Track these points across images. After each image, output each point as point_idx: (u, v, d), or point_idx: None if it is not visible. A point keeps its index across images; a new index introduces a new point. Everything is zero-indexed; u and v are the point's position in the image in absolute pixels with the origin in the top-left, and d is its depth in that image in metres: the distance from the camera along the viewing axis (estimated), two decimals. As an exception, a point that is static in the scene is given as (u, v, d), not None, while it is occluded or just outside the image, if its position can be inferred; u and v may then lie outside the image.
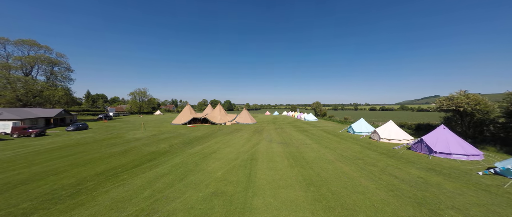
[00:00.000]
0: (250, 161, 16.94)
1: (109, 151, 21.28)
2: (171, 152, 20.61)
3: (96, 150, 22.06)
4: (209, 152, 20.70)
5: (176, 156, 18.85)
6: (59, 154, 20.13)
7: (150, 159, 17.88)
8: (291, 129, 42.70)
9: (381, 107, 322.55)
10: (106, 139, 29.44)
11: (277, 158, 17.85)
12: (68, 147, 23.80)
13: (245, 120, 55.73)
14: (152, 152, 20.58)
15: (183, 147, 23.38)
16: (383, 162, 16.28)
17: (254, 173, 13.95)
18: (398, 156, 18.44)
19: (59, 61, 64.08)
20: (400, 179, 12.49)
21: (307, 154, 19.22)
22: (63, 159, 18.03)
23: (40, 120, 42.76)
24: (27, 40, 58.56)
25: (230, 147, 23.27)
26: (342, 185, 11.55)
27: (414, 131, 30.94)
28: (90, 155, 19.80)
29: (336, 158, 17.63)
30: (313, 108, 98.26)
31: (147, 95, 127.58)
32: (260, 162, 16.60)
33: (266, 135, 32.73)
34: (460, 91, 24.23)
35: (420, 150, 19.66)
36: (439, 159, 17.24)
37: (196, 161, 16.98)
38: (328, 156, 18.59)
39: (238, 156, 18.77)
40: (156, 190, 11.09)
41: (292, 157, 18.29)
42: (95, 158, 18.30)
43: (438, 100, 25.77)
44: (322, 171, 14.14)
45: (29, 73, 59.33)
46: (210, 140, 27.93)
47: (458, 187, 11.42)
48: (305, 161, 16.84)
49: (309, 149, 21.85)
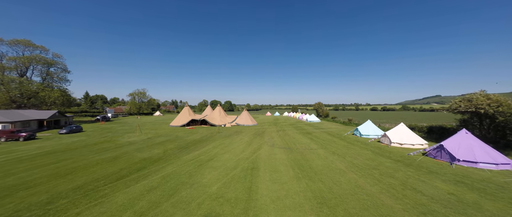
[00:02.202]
0: (251, 171, 15.07)
1: (98, 158, 19.50)
2: (164, 159, 18.79)
3: (84, 156, 20.29)
4: (205, 159, 18.86)
5: (169, 165, 17.01)
6: (41, 161, 18.35)
7: (140, 168, 16.06)
8: (294, 131, 40.79)
9: (382, 107, 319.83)
10: (98, 143, 27.69)
11: (281, 167, 15.97)
12: (54, 153, 22.05)
13: (246, 121, 53.88)
14: (144, 160, 18.77)
15: (178, 153, 21.56)
16: (401, 173, 14.35)
17: (255, 187, 12.09)
18: (416, 164, 16.49)
19: (55, 62, 62.50)
20: (428, 197, 10.56)
21: (314, 162, 17.31)
22: (44, 168, 16.25)
23: (33, 123, 41.12)
24: (22, 40, 57.01)
25: (229, 152, 21.42)
26: (361, 205, 9.65)
27: (426, 134, 28.93)
28: (75, 162, 18.02)
29: (347, 167, 15.71)
30: (315, 108, 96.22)
31: (146, 96, 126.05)
32: (262, 172, 14.73)
33: (268, 139, 30.86)
34: (480, 91, 22.23)
35: (439, 157, 17.72)
36: (463, 168, 15.28)
37: (190, 171, 15.14)
38: (338, 164, 16.67)
39: (237, 164, 16.92)
40: (138, 212, 9.24)
41: (297, 165, 16.39)
42: (79, 167, 16.50)
43: (454, 101, 23.78)
44: (334, 185, 12.24)
45: (24, 74, 57.77)
46: (208, 145, 26.09)
47: (501, 207, 9.49)
48: (312, 171, 14.94)
49: (316, 155, 19.94)
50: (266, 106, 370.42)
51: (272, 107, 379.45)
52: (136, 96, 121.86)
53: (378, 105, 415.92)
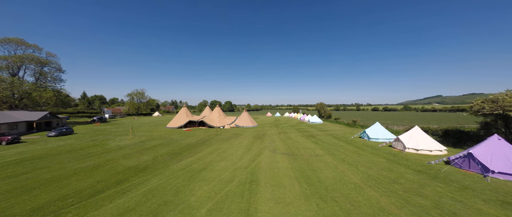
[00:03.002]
0: (249, 185, 12.79)
1: (78, 166, 17.29)
2: (151, 168, 16.55)
3: (63, 164, 18.09)
4: (198, 168, 16.60)
5: (156, 176, 14.76)
6: (13, 171, 16.14)
7: (121, 180, 13.82)
8: (296, 134, 38.47)
9: (383, 108, 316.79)
10: (84, 148, 25.49)
11: (284, 180, 13.67)
12: (32, 160, 19.85)
13: (245, 123, 51.62)
14: (128, 169, 16.53)
15: (169, 160, 19.32)
16: (429, 189, 12.01)
17: (254, 209, 9.81)
18: (443, 176, 14.13)
19: (49, 61, 60.37)
20: (476, 226, 8.27)
21: (323, 173, 14.99)
22: (11, 180, 14.04)
23: (21, 125, 39.00)
24: (14, 39, 55.01)
25: (226, 160, 19.15)
26: (392, 241, 7.36)
27: (441, 138, 26.51)
28: (50, 172, 15.81)
29: (363, 181, 13.39)
30: (317, 109, 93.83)
31: (145, 96, 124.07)
32: (263, 187, 12.45)
33: (269, 142, 28.57)
34: (506, 91, 19.84)
35: (467, 167, 15.37)
36: (501, 182, 12.94)
37: (178, 185, 12.88)
38: (351, 176, 14.34)
39: (234, 176, 14.64)
40: (97, 251, 6.99)
41: (304, 178, 14.09)
42: (52, 179, 14.29)
43: (476, 102, 21.41)
44: (351, 206, 9.93)
45: (16, 74, 55.79)
46: (203, 150, 23.83)
47: None
48: (322, 186, 12.63)
49: (323, 164, 17.63)
50: (267, 107, 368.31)
51: (272, 107, 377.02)
52: (134, 96, 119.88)
53: (379, 105, 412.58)
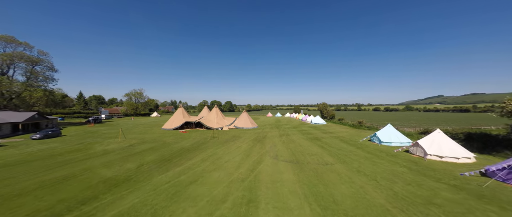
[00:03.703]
0: (246, 208, 10.11)
1: (46, 178, 14.69)
2: (132, 181, 13.92)
3: (32, 174, 15.52)
4: (187, 181, 13.94)
5: (133, 192, 12.11)
6: (-35, 184, 13.55)
7: (88, 199, 11.19)
8: (299, 136, 35.76)
9: (385, 108, 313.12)
10: (65, 153, 22.90)
11: (290, 199, 10.98)
12: (2, 167, 17.33)
13: (245, 124, 48.93)
14: (104, 181, 13.91)
15: (155, 169, 16.68)
16: (479, 214, 9.31)
17: (252, 248, 7.14)
18: (491, 195, 11.37)
19: (41, 60, 57.84)
20: None
21: (337, 189, 12.27)
22: (-45, 198, 11.46)
23: (5, 126, 36.47)
24: (3, 36, 52.63)
25: (220, 169, 16.49)
26: None
27: (463, 142, 23.70)
28: (10, 185, 13.26)
29: (390, 201, 10.66)
30: (319, 109, 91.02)
31: (143, 96, 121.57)
32: (263, 211, 9.77)
33: (270, 146, 25.88)
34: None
35: None
36: None
37: (156, 207, 10.22)
38: (373, 194, 11.62)
39: (228, 192, 11.98)
40: None
41: (314, 196, 11.38)
42: (7, 195, 11.70)
43: (510, 101, 18.70)
44: (385, 246, 7.24)
45: (6, 73, 53.40)
46: (196, 156, 21.17)
47: None
48: (340, 209, 9.91)
49: (336, 175, 14.91)
50: (267, 107, 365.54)
51: (273, 107, 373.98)
52: (132, 97, 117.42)
53: (380, 105, 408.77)
